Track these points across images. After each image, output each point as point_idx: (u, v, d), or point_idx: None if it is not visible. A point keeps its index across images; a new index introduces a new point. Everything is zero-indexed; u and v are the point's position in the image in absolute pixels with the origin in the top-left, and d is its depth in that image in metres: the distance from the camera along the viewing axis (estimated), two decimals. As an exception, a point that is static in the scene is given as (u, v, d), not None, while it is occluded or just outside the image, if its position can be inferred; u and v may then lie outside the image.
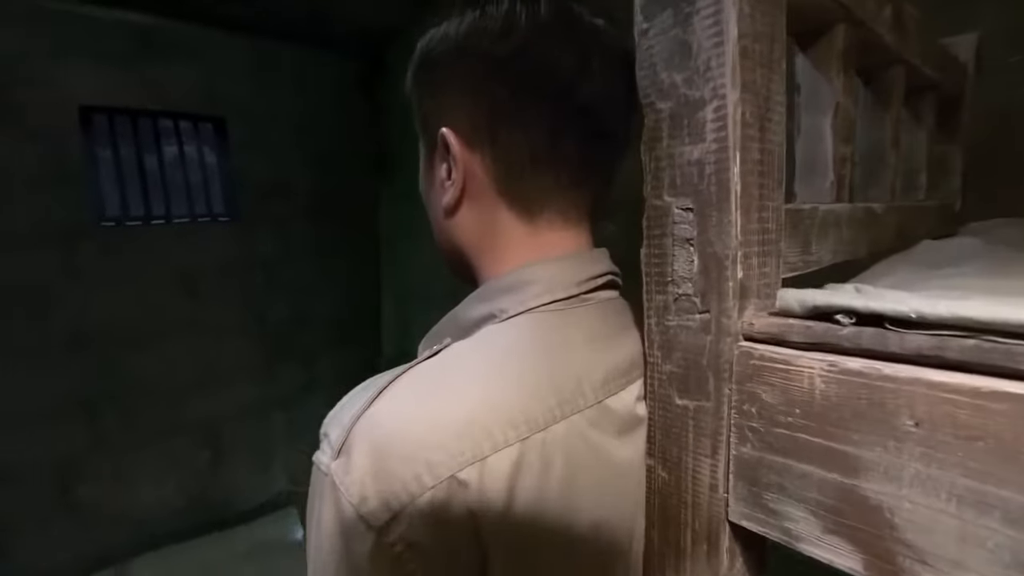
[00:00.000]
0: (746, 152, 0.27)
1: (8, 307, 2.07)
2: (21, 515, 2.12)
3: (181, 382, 2.36)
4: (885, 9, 0.43)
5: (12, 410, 2.07)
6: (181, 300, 2.39)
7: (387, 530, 0.26)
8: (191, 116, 2.51)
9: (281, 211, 2.69)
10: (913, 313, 0.22)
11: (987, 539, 0.20)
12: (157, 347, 2.33)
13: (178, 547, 2.26)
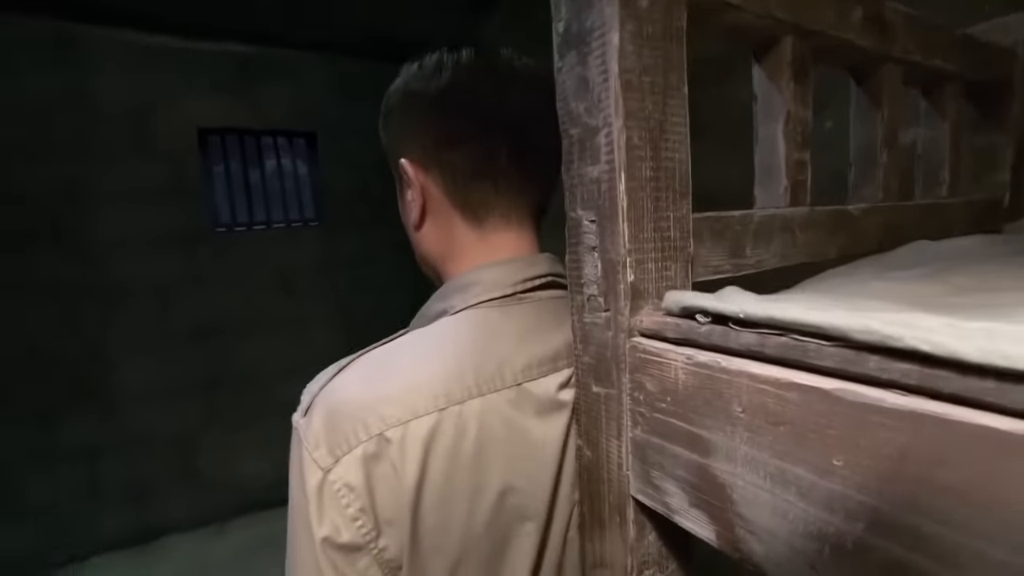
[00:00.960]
0: (633, 170, 0.31)
1: (141, 303, 2.46)
2: (153, 477, 2.51)
3: (278, 369, 2.67)
4: (852, 14, 0.43)
5: (145, 390, 2.47)
6: (279, 296, 2.70)
7: (331, 471, 0.34)
8: (287, 132, 2.82)
9: (362, 215, 2.93)
10: (741, 313, 0.25)
11: (788, 511, 0.23)
12: (259, 337, 2.66)
13: (270, 513, 2.55)
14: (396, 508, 0.36)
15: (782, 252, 0.41)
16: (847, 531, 0.21)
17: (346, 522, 0.35)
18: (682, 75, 0.32)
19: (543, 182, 0.46)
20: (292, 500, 0.37)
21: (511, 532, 0.39)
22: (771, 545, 0.25)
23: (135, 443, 2.45)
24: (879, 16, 0.46)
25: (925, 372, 0.19)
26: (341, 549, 0.36)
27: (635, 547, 0.35)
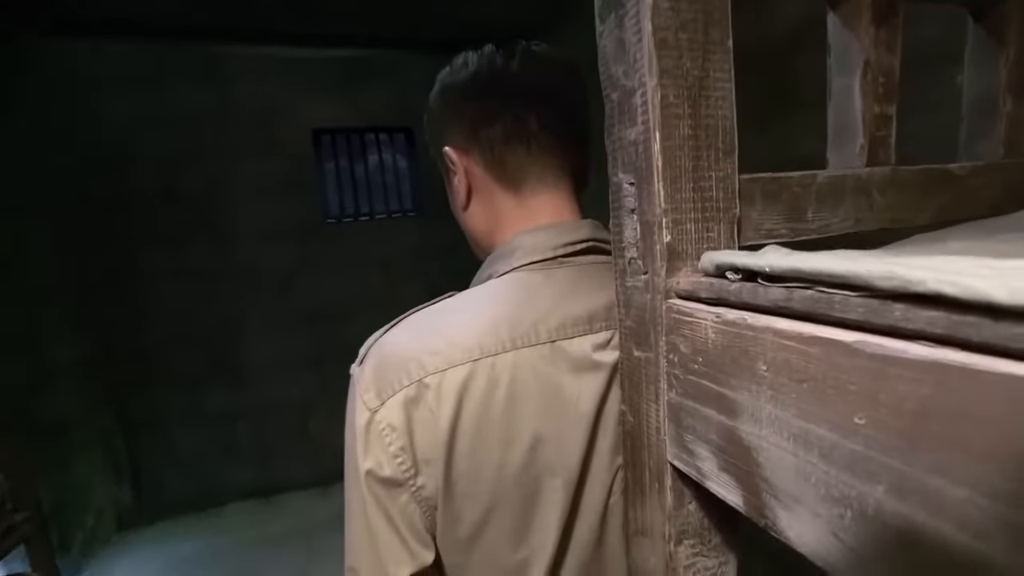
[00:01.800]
0: (669, 129, 0.30)
1: (267, 287, 2.78)
2: (277, 439, 2.85)
3: (378, 348, 2.90)
4: (958, -61, 0.38)
5: (269, 364, 2.80)
6: (379, 281, 2.92)
7: (377, 412, 0.38)
8: (388, 129, 3.01)
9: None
10: (767, 267, 0.24)
11: (811, 474, 0.22)
12: (362, 317, 2.90)
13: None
14: (432, 449, 0.39)
15: (855, 216, 0.37)
16: (869, 495, 0.20)
17: (388, 458, 0.40)
18: (726, 29, 0.31)
19: (571, 143, 0.49)
20: (346, 441, 0.42)
21: (541, 485, 0.41)
22: (794, 511, 0.23)
23: (261, 409, 2.81)
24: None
25: (953, 319, 0.17)
26: (383, 483, 0.40)
27: (673, 515, 0.35)
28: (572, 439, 0.41)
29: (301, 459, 2.89)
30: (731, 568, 0.38)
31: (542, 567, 0.41)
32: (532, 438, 0.40)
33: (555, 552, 0.41)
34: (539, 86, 0.47)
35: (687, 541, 0.36)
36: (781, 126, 1.35)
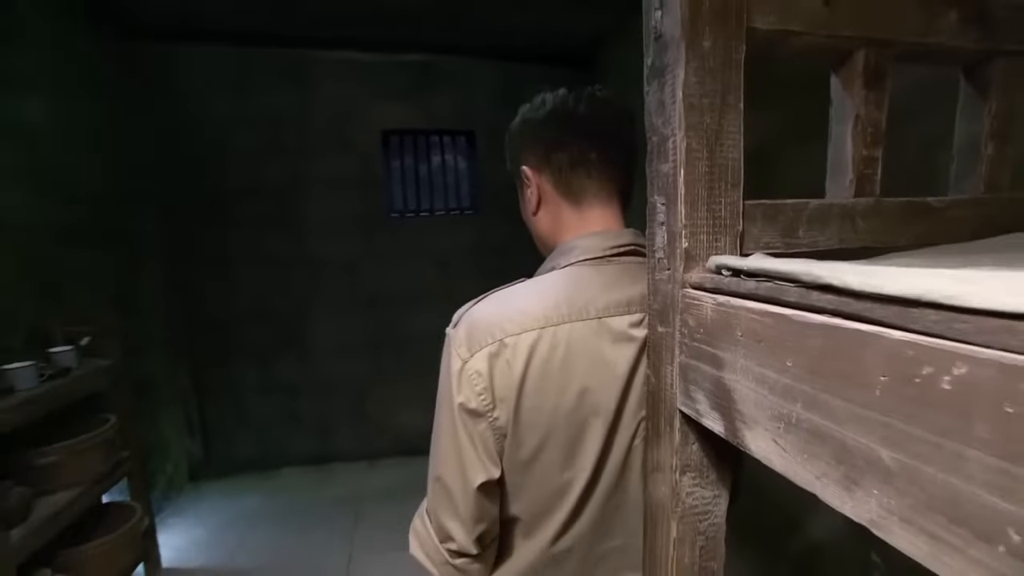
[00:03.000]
0: (691, 167, 0.42)
1: (334, 274, 3.02)
2: (334, 414, 3.09)
3: (431, 336, 3.08)
4: (943, 19, 0.48)
5: (332, 345, 3.04)
6: (436, 273, 3.11)
7: (467, 362, 0.52)
8: (451, 131, 3.19)
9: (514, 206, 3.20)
10: (745, 267, 0.36)
11: (763, 402, 0.34)
12: (419, 308, 3.10)
13: (415, 459, 2.97)
14: (507, 390, 0.53)
15: (839, 236, 0.48)
16: (792, 410, 0.31)
17: (474, 395, 0.54)
18: (739, 94, 0.43)
19: (621, 171, 0.62)
20: (440, 384, 0.56)
21: (586, 423, 0.54)
22: (754, 429, 0.35)
23: (322, 386, 3.06)
24: (983, 14, 0.49)
25: (840, 300, 0.29)
26: (469, 413, 0.53)
27: (680, 451, 0.46)
28: (610, 392, 0.54)
29: (353, 434, 3.12)
30: (723, 502, 0.50)
31: (580, 487, 0.54)
32: (580, 388, 0.53)
33: (591, 477, 0.54)
34: (599, 126, 0.61)
35: (689, 474, 0.47)
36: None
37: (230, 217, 2.88)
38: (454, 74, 3.05)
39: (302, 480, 3.04)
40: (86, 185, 2.26)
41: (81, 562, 1.78)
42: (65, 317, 2.00)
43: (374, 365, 3.13)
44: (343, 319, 3.03)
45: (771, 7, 0.43)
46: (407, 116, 3.03)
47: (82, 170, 2.24)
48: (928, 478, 0.23)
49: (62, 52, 2.15)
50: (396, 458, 3.17)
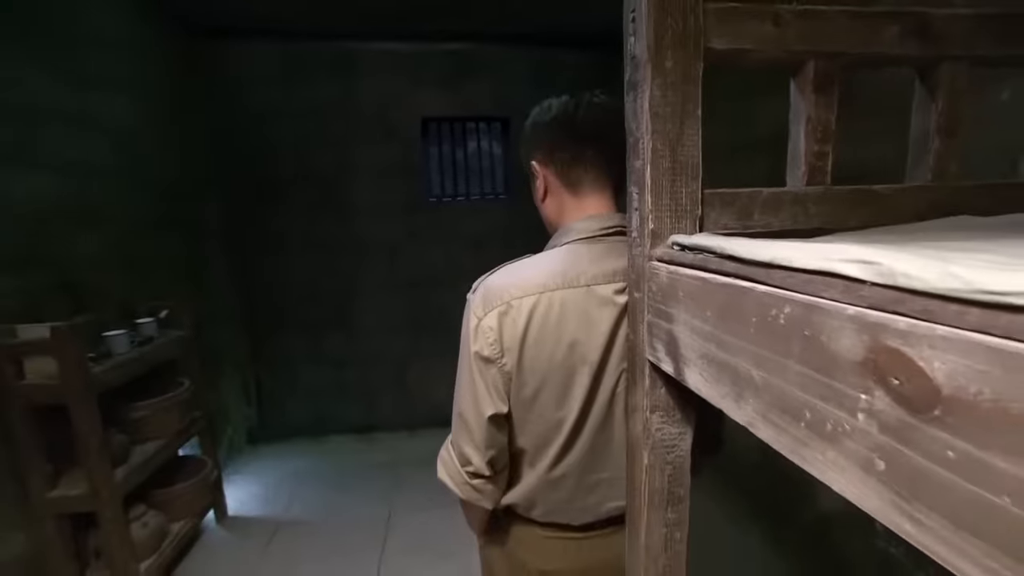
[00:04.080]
0: (657, 163, 0.52)
1: (378, 256, 3.21)
2: (380, 386, 3.31)
3: (465, 315, 3.26)
4: (886, 31, 0.55)
5: (376, 321, 3.24)
6: (471, 255, 3.25)
7: (482, 319, 0.64)
8: (486, 118, 3.29)
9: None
10: (688, 243, 0.47)
11: (694, 345, 0.45)
12: (455, 287, 3.25)
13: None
14: (512, 341, 0.65)
15: (792, 219, 0.57)
16: (709, 349, 0.42)
17: (487, 345, 0.66)
18: (696, 103, 0.52)
19: (613, 167, 0.73)
20: (461, 338, 0.69)
21: (575, 369, 0.66)
22: (690, 367, 0.46)
23: (367, 359, 3.29)
24: (924, 27, 0.56)
25: (739, 267, 0.39)
26: (483, 359, 0.67)
27: (650, 394, 0.58)
28: (594, 345, 0.65)
29: (395, 404, 3.35)
30: (687, 439, 0.61)
31: (570, 423, 0.67)
32: (571, 341, 0.65)
33: (579, 415, 0.67)
34: (594, 128, 0.71)
35: (658, 413, 0.59)
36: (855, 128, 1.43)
37: (283, 203, 3.11)
38: (491, 62, 3.15)
39: (347, 446, 3.30)
40: (160, 176, 2.51)
41: (167, 502, 2.05)
42: (147, 293, 2.26)
43: (414, 341, 3.33)
44: (386, 297, 3.24)
45: (726, 31, 0.52)
46: (445, 103, 3.16)
47: (157, 162, 2.49)
48: (775, 385, 0.34)
49: (138, 54, 2.39)
50: (433, 428, 3.37)
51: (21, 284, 1.63)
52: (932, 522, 0.24)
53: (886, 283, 0.26)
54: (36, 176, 1.73)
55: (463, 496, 0.73)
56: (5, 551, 1.51)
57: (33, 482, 1.57)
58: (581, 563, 0.77)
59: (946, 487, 0.23)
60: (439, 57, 3.10)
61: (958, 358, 0.22)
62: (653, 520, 0.63)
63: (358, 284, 3.24)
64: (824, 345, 0.29)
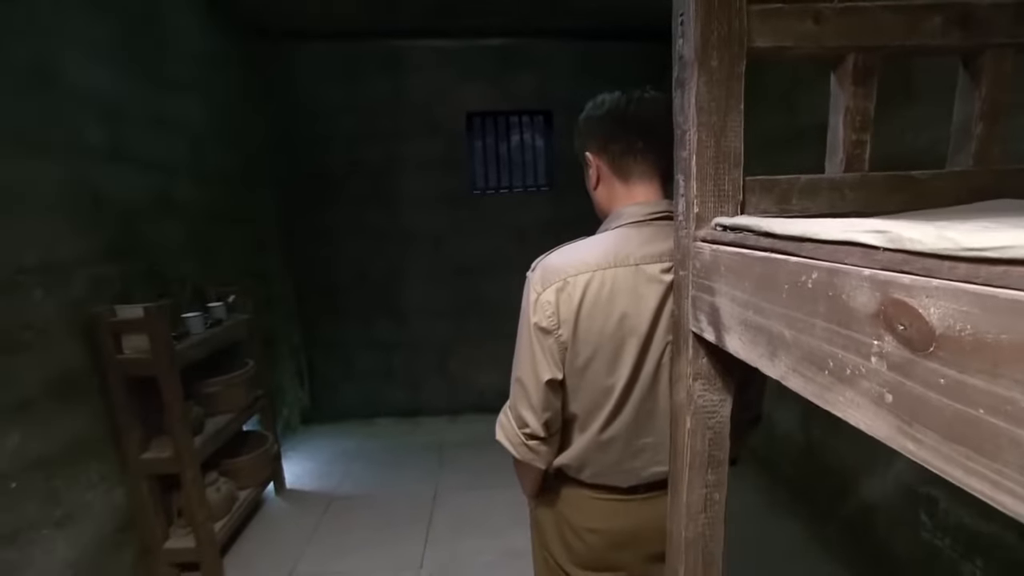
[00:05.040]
0: (702, 152, 0.58)
1: (423, 246, 3.33)
2: (423, 371, 3.45)
3: (508, 303, 3.34)
4: (928, 22, 0.58)
5: (421, 308, 3.37)
6: (514, 246, 3.33)
7: (541, 295, 0.72)
8: (530, 112, 3.35)
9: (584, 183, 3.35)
10: (729, 223, 0.52)
11: (734, 313, 0.51)
12: (498, 277, 3.35)
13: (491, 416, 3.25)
14: (568, 314, 0.72)
15: (829, 204, 0.61)
16: (747, 315, 0.48)
17: (545, 317, 0.73)
18: (739, 98, 0.57)
19: (662, 156, 0.78)
20: (521, 311, 0.77)
21: (625, 340, 0.72)
22: (731, 333, 0.52)
23: (413, 346, 3.43)
24: (966, 17, 0.59)
25: (774, 242, 0.45)
26: (541, 331, 0.74)
27: (693, 363, 0.64)
28: (642, 318, 0.72)
29: (438, 391, 3.48)
30: (727, 406, 0.66)
31: (619, 390, 0.73)
32: (621, 314, 0.72)
33: (627, 382, 0.73)
34: (645, 121, 0.77)
35: (700, 381, 0.64)
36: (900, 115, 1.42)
37: (336, 194, 3.28)
38: (534, 56, 3.20)
39: (394, 428, 3.46)
40: (226, 170, 2.70)
41: (235, 471, 2.24)
42: (215, 279, 2.46)
43: (458, 328, 3.45)
44: (431, 286, 3.37)
45: (769, 30, 0.57)
46: (490, 98, 3.24)
47: (223, 157, 2.68)
48: (803, 342, 0.40)
49: (209, 58, 2.58)
50: (474, 414, 3.49)
51: (119, 270, 1.83)
52: (928, 439, 0.29)
53: (895, 247, 0.31)
54: (129, 173, 1.92)
55: (519, 456, 0.81)
56: (109, 503, 1.71)
57: (129, 445, 1.77)
58: (624, 524, 0.84)
59: (938, 408, 0.28)
60: (483, 53, 3.18)
61: (949, 303, 0.27)
62: (694, 481, 0.69)
63: (405, 272, 3.38)
64: (844, 303, 0.35)
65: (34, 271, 1.50)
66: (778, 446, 2.32)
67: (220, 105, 2.67)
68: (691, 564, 0.72)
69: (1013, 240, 0.25)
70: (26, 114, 1.49)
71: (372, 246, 3.34)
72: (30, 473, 1.43)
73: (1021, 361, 0.24)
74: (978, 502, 0.75)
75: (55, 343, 1.55)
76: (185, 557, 1.92)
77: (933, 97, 1.30)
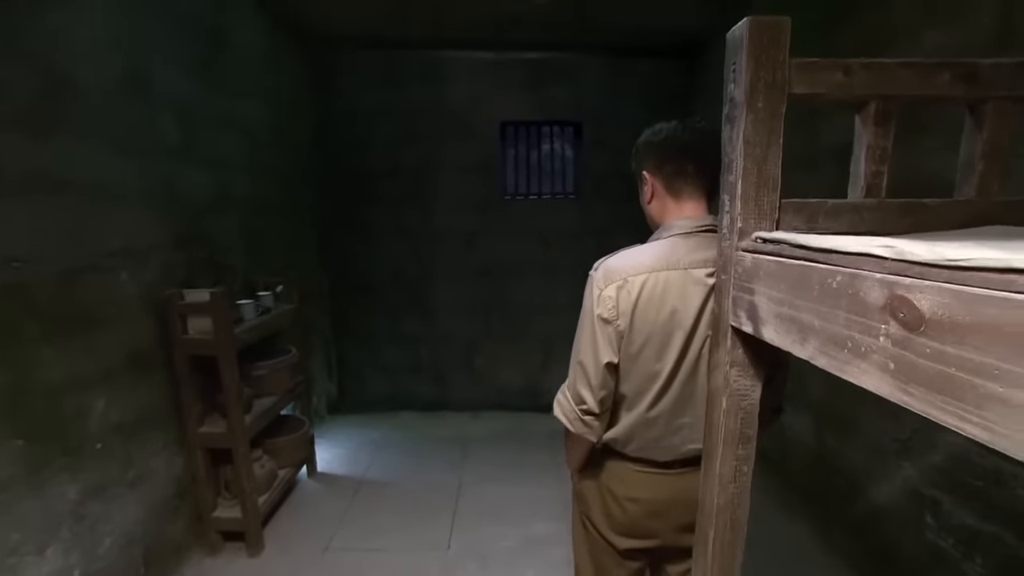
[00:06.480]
0: (746, 178, 0.70)
1: (454, 246, 3.48)
2: (448, 367, 3.58)
3: (534, 305, 3.49)
4: (939, 77, 0.71)
5: (450, 306, 3.52)
6: (540, 250, 3.46)
7: (603, 291, 0.85)
8: (560, 122, 3.49)
9: (613, 193, 3.47)
10: (767, 237, 0.65)
11: (771, 309, 0.63)
12: (523, 279, 3.49)
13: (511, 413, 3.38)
14: (626, 308, 0.85)
15: (850, 225, 0.73)
16: (782, 310, 0.60)
17: (606, 310, 0.86)
18: (779, 134, 0.70)
19: (709, 178, 0.91)
20: (584, 304, 0.90)
21: (673, 332, 0.85)
22: (767, 325, 0.64)
23: (440, 342, 3.58)
24: (972, 74, 0.71)
25: (808, 252, 0.57)
26: (603, 320, 0.86)
27: (730, 352, 0.76)
28: (689, 315, 0.84)
29: (463, 387, 3.62)
30: (757, 390, 0.78)
31: (665, 374, 0.86)
32: (671, 309, 0.84)
33: (672, 368, 0.86)
34: (696, 148, 0.90)
35: (735, 368, 0.77)
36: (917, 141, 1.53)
37: (373, 194, 3.45)
38: (566, 69, 3.34)
39: (418, 422, 3.60)
40: (275, 168, 2.88)
41: (277, 450, 2.39)
42: (262, 271, 2.62)
43: (484, 326, 3.59)
44: (460, 284, 3.52)
45: (805, 79, 0.70)
46: (522, 108, 3.38)
47: (273, 157, 2.85)
48: (828, 329, 0.52)
49: (266, 64, 2.76)
50: (496, 411, 3.62)
51: (185, 257, 1.99)
52: (917, 392, 0.42)
53: (899, 258, 0.44)
54: (196, 170, 2.09)
55: (574, 430, 0.94)
56: (171, 470, 1.87)
57: (189, 418, 1.92)
58: (661, 494, 0.96)
59: (924, 370, 0.40)
60: (519, 65, 3.32)
61: (935, 297, 0.40)
62: (726, 454, 0.81)
63: (435, 271, 3.53)
64: (861, 298, 0.47)
65: (119, 255, 1.66)
66: (790, 451, 2.41)
67: (273, 107, 2.85)
68: (720, 528, 0.85)
69: (977, 255, 0.37)
70: (122, 120, 1.66)
71: (405, 244, 3.50)
72: (111, 437, 1.59)
73: (979, 333, 0.36)
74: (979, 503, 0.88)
75: (133, 320, 1.72)
76: (231, 526, 2.07)
77: (943, 130, 1.41)
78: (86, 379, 1.51)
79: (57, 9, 1.42)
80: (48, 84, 1.40)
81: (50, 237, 1.41)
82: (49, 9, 1.40)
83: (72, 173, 1.48)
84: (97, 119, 1.56)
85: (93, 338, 1.54)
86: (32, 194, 1.35)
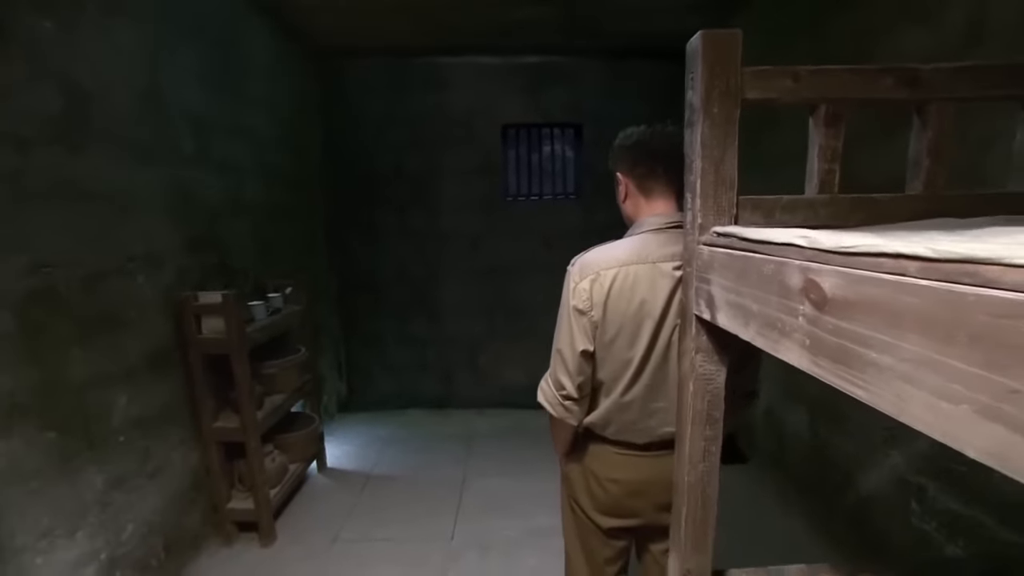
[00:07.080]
0: (705, 177, 0.76)
1: (459, 247, 3.55)
2: (456, 365, 3.66)
3: (537, 304, 3.54)
4: (882, 82, 0.76)
5: (455, 306, 3.59)
6: (542, 250, 3.53)
7: (578, 284, 0.92)
8: (561, 124, 3.55)
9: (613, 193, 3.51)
10: (722, 231, 0.71)
11: (724, 296, 0.69)
12: (526, 279, 3.56)
13: (516, 411, 3.44)
14: (599, 299, 0.92)
15: (804, 219, 0.79)
16: (730, 297, 0.67)
17: (581, 301, 0.93)
18: (735, 137, 0.76)
19: (677, 178, 0.95)
20: (562, 297, 0.96)
21: (643, 321, 0.91)
22: (720, 312, 0.71)
23: (446, 341, 3.66)
24: (913, 78, 0.77)
25: (748, 244, 0.63)
26: (578, 311, 0.93)
27: (695, 339, 0.82)
28: (657, 305, 0.91)
29: (468, 385, 3.70)
30: (722, 375, 0.84)
31: (637, 361, 0.93)
32: (641, 300, 0.91)
33: (644, 355, 0.92)
34: (664, 151, 0.96)
35: (701, 353, 0.83)
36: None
37: (380, 197, 3.54)
38: (566, 73, 3.40)
39: (425, 419, 3.68)
40: (285, 174, 2.98)
41: (287, 445, 2.48)
42: (271, 273, 2.72)
43: (488, 326, 3.66)
44: (465, 285, 3.60)
45: (758, 85, 0.76)
46: (523, 111, 3.46)
47: (282, 162, 2.95)
48: (764, 312, 0.58)
49: (275, 72, 2.86)
50: (500, 409, 3.69)
51: (198, 261, 2.09)
52: (824, 363, 0.48)
53: (812, 247, 0.50)
54: (210, 177, 2.20)
55: (556, 415, 1.01)
56: (187, 463, 1.97)
57: (204, 414, 2.02)
58: (640, 475, 1.03)
59: (828, 343, 0.47)
60: (518, 70, 3.40)
61: (834, 279, 0.46)
62: (695, 435, 0.87)
63: (441, 272, 3.62)
64: (786, 283, 0.53)
65: (139, 259, 1.76)
66: (787, 445, 2.45)
67: (282, 115, 2.95)
68: (692, 504, 0.91)
69: (863, 242, 0.44)
70: (142, 130, 1.76)
71: (411, 246, 3.59)
72: (132, 431, 1.69)
73: (861, 309, 0.42)
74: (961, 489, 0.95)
75: (151, 321, 1.82)
76: (245, 517, 2.17)
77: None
78: (110, 377, 1.61)
79: (82, 30, 1.52)
80: (74, 100, 1.50)
81: (77, 243, 1.51)
82: (75, 30, 1.50)
83: (97, 182, 1.58)
84: (119, 131, 1.66)
85: (116, 338, 1.64)
86: (61, 203, 1.45)
